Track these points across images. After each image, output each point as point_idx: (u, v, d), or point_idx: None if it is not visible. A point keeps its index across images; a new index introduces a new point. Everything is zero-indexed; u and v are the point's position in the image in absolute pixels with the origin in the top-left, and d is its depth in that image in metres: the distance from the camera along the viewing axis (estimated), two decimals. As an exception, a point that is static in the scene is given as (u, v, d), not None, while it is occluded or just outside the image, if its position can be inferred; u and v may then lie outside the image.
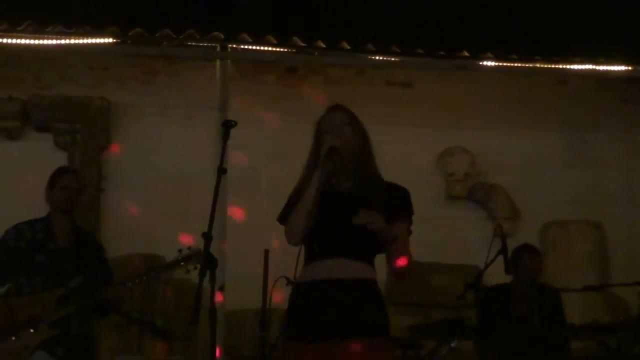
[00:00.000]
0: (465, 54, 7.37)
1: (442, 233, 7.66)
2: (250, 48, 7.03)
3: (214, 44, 6.94)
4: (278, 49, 7.16)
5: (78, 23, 6.82)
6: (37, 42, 6.68)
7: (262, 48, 7.09)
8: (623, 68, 7.48)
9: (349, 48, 7.23)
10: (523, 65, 7.43)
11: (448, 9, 8.54)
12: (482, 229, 7.73)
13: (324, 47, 7.20)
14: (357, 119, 3.54)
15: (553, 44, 7.80)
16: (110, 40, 6.76)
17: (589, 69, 7.45)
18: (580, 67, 7.44)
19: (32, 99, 7.56)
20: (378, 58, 7.33)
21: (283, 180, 3.73)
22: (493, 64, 7.32)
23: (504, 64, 7.35)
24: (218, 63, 6.83)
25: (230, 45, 6.91)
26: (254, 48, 7.04)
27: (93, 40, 6.69)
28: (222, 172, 3.37)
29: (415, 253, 3.47)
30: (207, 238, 3.24)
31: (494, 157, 8.13)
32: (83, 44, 6.72)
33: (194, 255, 4.07)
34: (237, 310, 6.72)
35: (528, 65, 7.43)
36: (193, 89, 7.63)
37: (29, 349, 4.22)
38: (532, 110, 8.21)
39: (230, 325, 6.47)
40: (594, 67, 7.43)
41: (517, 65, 7.41)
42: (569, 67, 7.44)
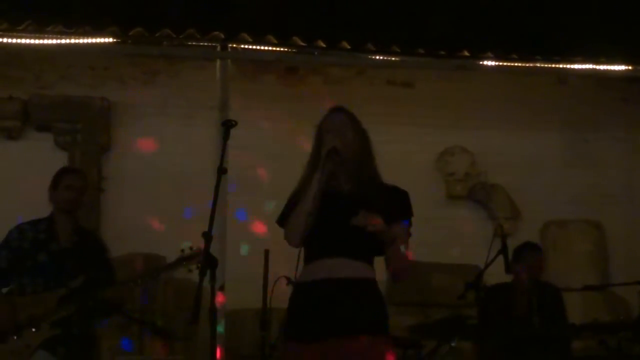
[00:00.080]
0: (466, 54, 7.37)
1: (442, 233, 7.66)
2: (251, 48, 7.02)
3: (214, 44, 6.94)
4: (278, 49, 7.16)
5: (78, 23, 6.82)
6: (37, 41, 6.68)
7: (262, 48, 7.08)
8: (623, 68, 7.48)
9: (349, 48, 7.23)
10: (523, 65, 7.42)
11: (448, 9, 8.54)
12: (482, 229, 7.73)
13: (324, 46, 7.19)
14: (358, 121, 3.54)
15: (553, 44, 7.80)
16: (111, 40, 6.76)
17: (589, 69, 7.45)
18: (581, 66, 7.44)
19: (32, 99, 7.56)
20: (378, 58, 7.33)
21: (283, 180, 3.73)
22: (493, 64, 7.32)
23: (504, 64, 7.35)
24: (218, 63, 6.83)
25: (231, 45, 6.91)
26: (254, 48, 7.03)
27: (93, 40, 6.69)
28: (222, 172, 3.37)
29: (415, 253, 3.47)
30: (207, 238, 3.24)
31: (494, 156, 8.13)
32: (83, 44, 6.72)
33: (196, 256, 4.07)
34: (237, 310, 6.72)
35: (528, 65, 7.43)
36: (193, 89, 7.62)
37: (31, 349, 4.23)
38: (532, 110, 8.21)
39: (231, 325, 6.47)
40: (594, 66, 7.44)
41: (517, 65, 7.41)
42: (569, 66, 7.45)
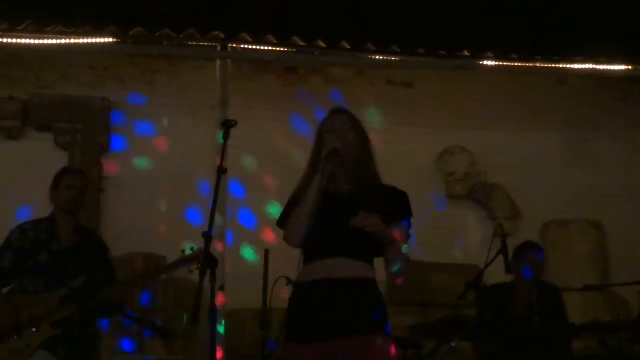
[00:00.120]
0: (466, 54, 7.37)
1: (442, 233, 7.66)
2: (251, 48, 7.02)
3: (214, 44, 6.94)
4: (278, 49, 7.16)
5: (78, 23, 6.83)
6: (37, 41, 6.68)
7: (262, 48, 7.08)
8: (623, 67, 7.48)
9: (349, 48, 7.23)
10: (523, 65, 7.42)
11: (448, 9, 8.55)
12: (482, 229, 7.74)
13: (324, 46, 7.19)
14: (359, 123, 3.53)
15: (553, 44, 7.81)
16: (111, 40, 6.76)
17: (589, 69, 7.45)
18: (581, 66, 7.44)
19: (32, 99, 7.56)
20: (378, 58, 7.33)
21: (283, 180, 3.73)
22: (493, 64, 7.32)
23: (504, 64, 7.35)
24: (218, 62, 6.83)
25: (231, 45, 6.91)
26: (254, 48, 7.03)
27: (93, 40, 6.69)
28: (222, 172, 3.37)
29: (415, 253, 3.47)
30: (207, 238, 3.24)
31: (494, 156, 8.13)
32: (83, 44, 6.72)
33: (197, 256, 4.06)
34: (237, 310, 6.72)
35: (528, 65, 7.43)
36: (193, 89, 7.62)
37: (31, 348, 4.22)
38: (532, 110, 8.21)
39: (231, 325, 6.47)
40: (594, 66, 7.44)
41: (517, 65, 7.41)
42: (569, 66, 7.45)
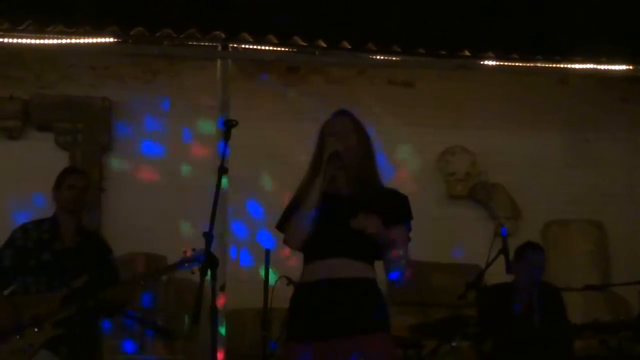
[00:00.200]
0: (466, 53, 7.37)
1: (443, 232, 7.65)
2: (251, 47, 7.02)
3: (215, 44, 6.94)
4: (279, 49, 7.16)
5: (79, 22, 6.83)
6: (38, 41, 6.68)
7: (263, 47, 7.08)
8: (624, 67, 7.48)
9: (350, 47, 7.23)
10: (524, 65, 7.42)
11: (449, 9, 8.54)
12: (483, 229, 7.74)
13: (325, 46, 7.19)
14: (362, 126, 3.51)
15: (554, 43, 7.80)
16: (111, 40, 6.76)
17: (590, 69, 7.45)
18: (582, 66, 7.43)
19: (33, 99, 7.56)
20: (379, 57, 7.32)
21: (283, 180, 3.73)
22: (494, 64, 7.31)
23: (505, 64, 7.35)
24: (219, 62, 6.83)
25: (231, 45, 6.91)
26: (255, 47, 7.03)
27: (94, 40, 6.69)
28: (222, 171, 3.37)
29: (416, 253, 3.47)
30: (208, 238, 3.24)
31: (495, 156, 8.13)
32: (84, 44, 6.72)
33: (199, 256, 4.05)
34: (238, 310, 6.72)
35: (529, 65, 7.42)
36: (194, 89, 7.62)
37: (33, 348, 4.22)
38: (533, 110, 8.21)
39: (231, 325, 6.47)
40: (595, 66, 7.43)
41: (518, 65, 7.40)
42: (570, 66, 7.44)
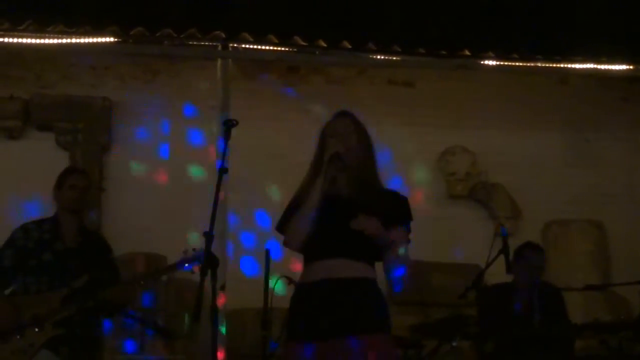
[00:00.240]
0: (467, 53, 7.37)
1: (443, 232, 7.65)
2: (252, 47, 7.02)
3: (215, 43, 6.94)
4: (279, 48, 7.16)
5: (79, 22, 6.82)
6: (38, 41, 6.68)
7: (263, 47, 7.08)
8: (624, 67, 7.47)
9: (350, 47, 7.23)
10: (524, 65, 7.42)
11: (449, 8, 8.54)
12: (483, 229, 7.74)
13: (325, 46, 7.19)
14: (363, 127, 3.51)
15: (554, 43, 7.80)
16: (112, 40, 6.76)
17: (591, 68, 7.45)
18: (582, 66, 7.43)
19: (33, 98, 7.57)
20: (379, 57, 7.32)
21: (283, 180, 3.73)
22: (494, 63, 7.31)
23: (505, 63, 7.35)
24: (219, 62, 6.83)
25: (232, 45, 6.91)
26: (255, 47, 7.03)
27: (94, 40, 6.69)
28: (223, 171, 3.37)
29: (416, 253, 3.47)
30: (208, 237, 3.24)
31: (495, 156, 8.12)
32: (84, 44, 6.72)
33: (199, 256, 4.06)
34: (238, 310, 6.72)
35: (529, 65, 7.42)
36: (194, 88, 7.62)
37: (34, 348, 4.23)
38: (533, 110, 8.21)
39: (232, 325, 6.47)
40: (596, 66, 7.43)
41: (518, 65, 7.40)
42: (570, 66, 7.44)
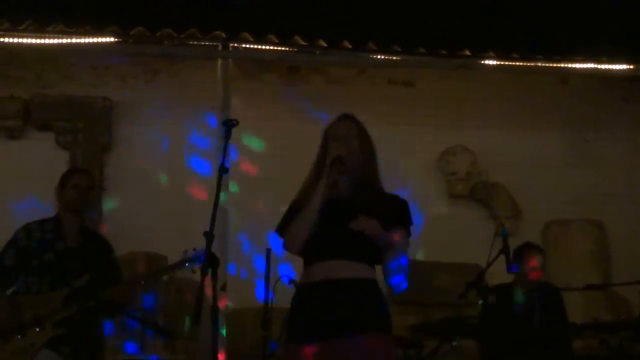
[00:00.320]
0: (467, 53, 7.37)
1: (443, 232, 7.64)
2: (252, 47, 7.02)
3: (216, 43, 6.94)
4: (279, 48, 7.16)
5: (79, 22, 6.83)
6: (38, 41, 6.68)
7: (263, 47, 7.08)
8: (625, 67, 7.48)
9: (351, 47, 7.23)
10: (524, 64, 7.42)
11: (449, 8, 8.54)
12: (483, 228, 7.73)
13: (326, 46, 7.19)
14: (365, 131, 3.52)
15: (555, 43, 7.80)
16: (112, 40, 6.76)
17: (591, 68, 7.45)
18: (582, 66, 7.43)
19: (33, 98, 7.57)
20: (379, 57, 7.32)
21: (284, 179, 3.73)
22: (494, 63, 7.32)
23: (506, 63, 7.35)
24: (219, 62, 6.83)
25: (232, 44, 6.91)
26: (256, 47, 7.03)
27: (94, 40, 6.70)
28: (223, 171, 3.37)
29: (417, 252, 3.47)
30: (208, 237, 3.24)
31: (496, 156, 8.12)
32: (84, 43, 6.72)
33: (199, 256, 4.05)
34: (238, 310, 6.72)
35: (529, 64, 7.42)
36: (194, 88, 7.61)
37: (35, 348, 4.23)
38: (533, 110, 8.21)
39: (232, 325, 6.47)
40: (596, 66, 7.43)
41: (518, 64, 7.40)
42: (571, 66, 7.44)
